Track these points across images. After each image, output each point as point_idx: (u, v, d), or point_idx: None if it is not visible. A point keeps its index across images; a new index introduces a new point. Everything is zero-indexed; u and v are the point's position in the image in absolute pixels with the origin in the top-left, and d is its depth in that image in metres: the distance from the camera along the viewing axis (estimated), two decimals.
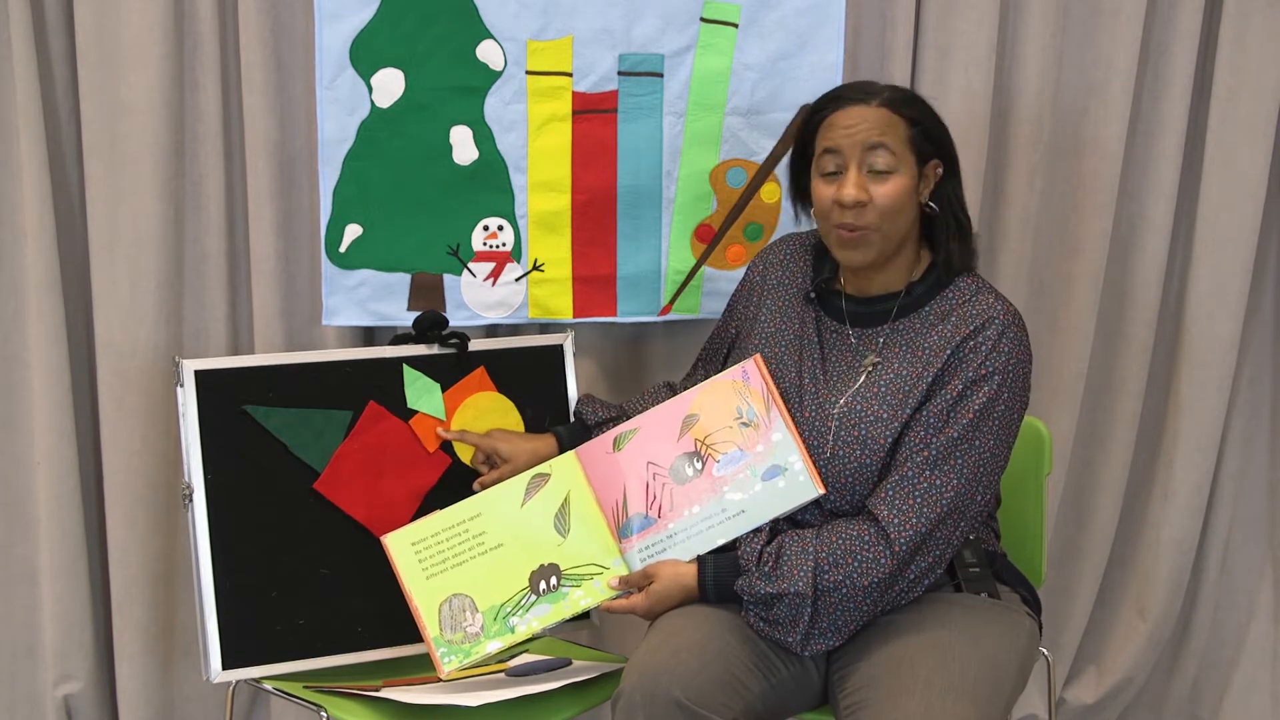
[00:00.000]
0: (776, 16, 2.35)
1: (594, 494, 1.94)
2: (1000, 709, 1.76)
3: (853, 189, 1.82)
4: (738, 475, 1.90)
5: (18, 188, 2.35)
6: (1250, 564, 2.81)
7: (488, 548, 1.94)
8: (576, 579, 1.92)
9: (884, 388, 1.84)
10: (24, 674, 2.52)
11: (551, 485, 1.97)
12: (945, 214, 1.89)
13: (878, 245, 1.85)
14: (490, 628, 1.90)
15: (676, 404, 1.95)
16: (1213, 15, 2.52)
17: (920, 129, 1.85)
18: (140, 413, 2.40)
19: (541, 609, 1.91)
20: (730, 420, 1.91)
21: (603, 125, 2.37)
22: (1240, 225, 2.57)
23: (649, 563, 1.91)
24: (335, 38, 2.29)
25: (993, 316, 1.84)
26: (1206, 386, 2.62)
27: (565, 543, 1.93)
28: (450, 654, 1.88)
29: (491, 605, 1.91)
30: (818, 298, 1.96)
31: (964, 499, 1.80)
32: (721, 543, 1.89)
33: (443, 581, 1.92)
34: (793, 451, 1.87)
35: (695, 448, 1.92)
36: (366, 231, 2.36)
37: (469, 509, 1.97)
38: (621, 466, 1.94)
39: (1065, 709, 2.79)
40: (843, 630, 1.81)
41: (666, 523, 1.91)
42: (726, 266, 2.43)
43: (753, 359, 1.93)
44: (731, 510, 1.90)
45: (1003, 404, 1.82)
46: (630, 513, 1.92)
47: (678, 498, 1.91)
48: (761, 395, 1.90)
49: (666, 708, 1.69)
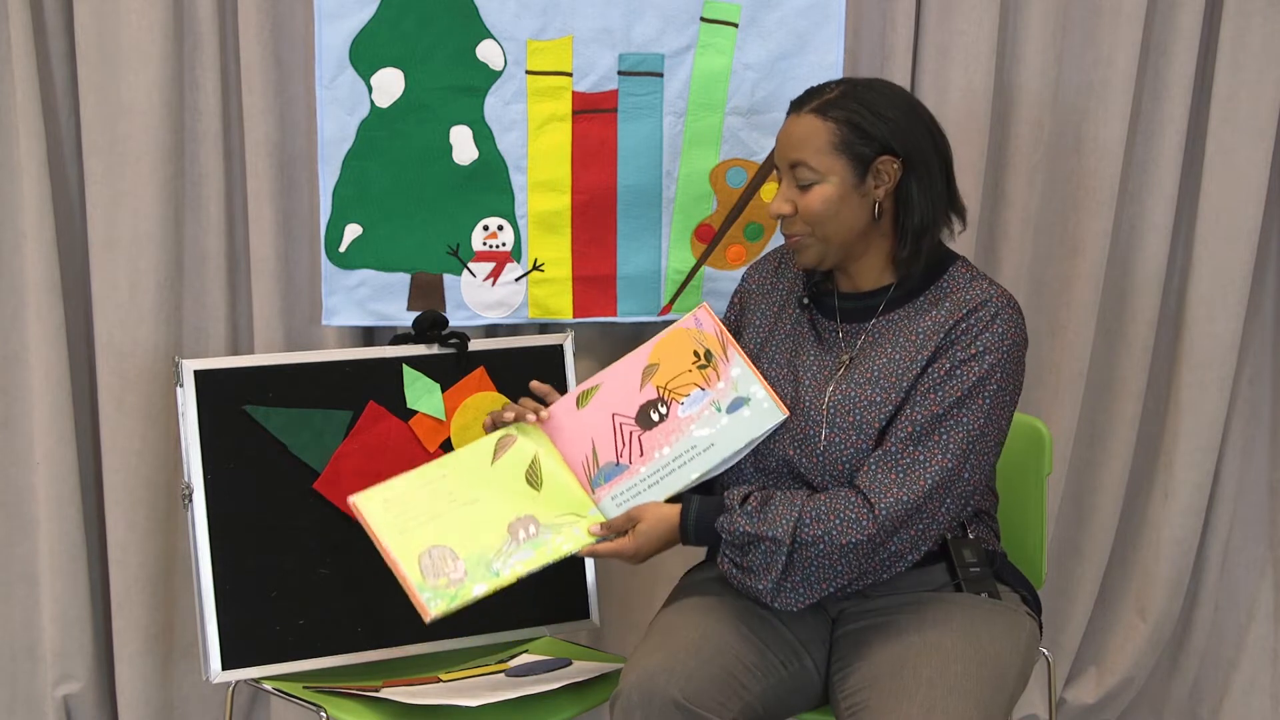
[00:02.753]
0: (777, 16, 2.35)
1: (560, 455, 1.94)
2: (1001, 709, 1.75)
3: (776, 202, 1.87)
4: (703, 413, 1.92)
5: (18, 188, 2.35)
6: (1250, 564, 2.81)
7: (461, 502, 1.89)
8: (556, 527, 1.89)
9: (876, 373, 1.84)
10: (24, 674, 2.52)
11: (519, 446, 1.94)
12: (903, 214, 1.85)
13: (817, 249, 1.87)
14: (475, 571, 1.84)
15: (634, 358, 1.97)
16: (1213, 15, 2.52)
17: (855, 129, 1.81)
18: (140, 413, 2.40)
19: (524, 554, 1.86)
20: (689, 365, 1.94)
21: (603, 125, 2.37)
22: (1240, 225, 2.57)
23: (624, 506, 1.91)
24: (335, 37, 2.29)
25: (987, 299, 1.83)
26: (1206, 386, 2.62)
27: (540, 496, 1.91)
28: (436, 598, 1.81)
29: (472, 553, 1.86)
30: (814, 300, 1.96)
31: (950, 475, 1.79)
32: (695, 477, 1.91)
33: (420, 535, 1.86)
34: (753, 383, 1.91)
35: (658, 394, 1.94)
36: (366, 231, 2.36)
37: (436, 470, 1.92)
38: (587, 422, 1.94)
39: (1066, 709, 2.78)
40: (815, 588, 1.79)
41: (638, 467, 1.92)
42: (726, 266, 2.43)
43: (702, 306, 1.97)
44: (701, 445, 1.91)
45: (994, 383, 1.80)
46: (601, 463, 1.93)
47: (646, 443, 1.92)
48: (716, 338, 1.94)
49: (664, 708, 1.69)
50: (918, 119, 1.85)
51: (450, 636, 2.15)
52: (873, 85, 1.87)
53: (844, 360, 1.88)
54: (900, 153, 1.82)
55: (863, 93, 1.84)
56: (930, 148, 1.85)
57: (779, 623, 1.88)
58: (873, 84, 1.88)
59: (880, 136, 1.82)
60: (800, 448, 1.87)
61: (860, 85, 1.86)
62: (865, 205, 1.84)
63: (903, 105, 1.85)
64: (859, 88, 1.85)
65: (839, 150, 1.82)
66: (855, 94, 1.84)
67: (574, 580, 2.25)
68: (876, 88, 1.86)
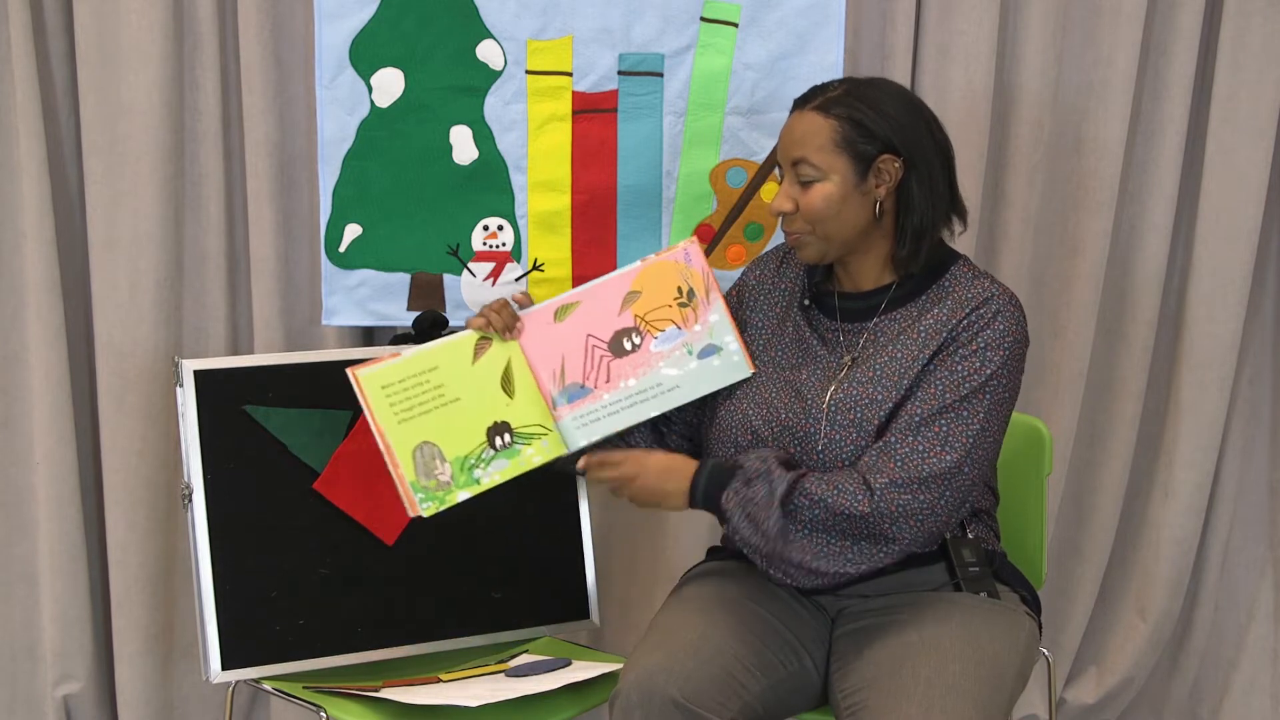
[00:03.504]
0: (777, 16, 2.35)
1: (529, 364, 1.95)
2: (1001, 710, 1.75)
3: (778, 199, 1.87)
4: (674, 352, 1.94)
5: (18, 188, 2.36)
6: (1250, 564, 2.81)
7: (447, 400, 1.91)
8: (527, 437, 1.93)
9: (878, 371, 1.84)
10: (24, 674, 2.52)
11: (494, 350, 1.95)
12: (904, 213, 1.85)
13: (818, 247, 1.87)
14: (459, 477, 1.90)
15: (618, 280, 1.97)
16: (1213, 15, 2.52)
17: (858, 127, 1.81)
18: (140, 413, 2.40)
19: (500, 463, 1.91)
20: (670, 299, 1.96)
21: (603, 125, 2.37)
22: (1240, 225, 2.57)
23: (584, 430, 1.92)
24: (335, 37, 2.29)
25: (990, 297, 1.83)
26: (1206, 386, 2.62)
27: (513, 403, 1.93)
28: (427, 500, 1.88)
29: (457, 456, 1.90)
30: (815, 300, 1.96)
31: (949, 470, 1.78)
32: (654, 415, 1.94)
33: (413, 428, 1.89)
34: (728, 332, 1.95)
35: (634, 323, 1.95)
36: (366, 231, 2.36)
37: (427, 360, 1.92)
38: (562, 337, 1.95)
39: (1065, 709, 2.78)
40: (807, 547, 1.79)
41: (602, 394, 1.93)
42: (726, 266, 2.43)
43: (693, 240, 1.98)
44: (667, 385, 1.94)
45: (995, 380, 1.80)
46: (567, 381, 1.94)
47: (614, 370, 1.94)
48: (702, 276, 1.96)
49: (664, 708, 1.69)
50: (920, 118, 1.85)
51: (450, 636, 2.15)
52: (876, 84, 1.87)
53: (846, 361, 1.88)
54: (902, 151, 1.82)
55: (865, 91, 1.84)
56: (932, 148, 1.85)
57: (778, 622, 1.88)
58: (876, 82, 1.88)
59: (882, 135, 1.82)
60: (801, 446, 1.86)
61: (863, 84, 1.86)
62: (867, 204, 1.84)
63: (905, 104, 1.85)
64: (862, 86, 1.85)
65: (841, 148, 1.82)
66: (858, 92, 1.84)
67: (574, 580, 2.25)
68: (879, 86, 1.87)
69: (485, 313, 1.93)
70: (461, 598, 2.18)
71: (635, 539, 2.61)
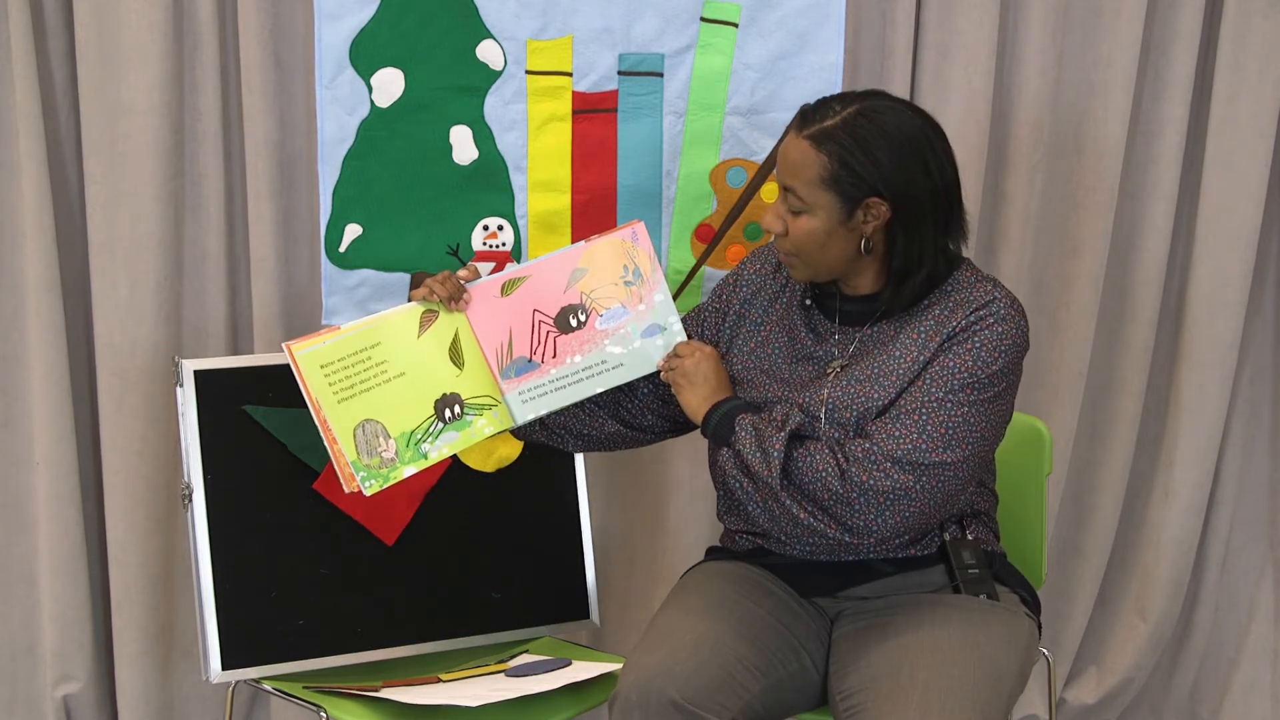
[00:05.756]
0: (777, 16, 2.35)
1: (475, 337, 1.95)
2: (1000, 711, 1.75)
3: (769, 218, 1.85)
4: (619, 330, 1.97)
5: (17, 188, 2.35)
6: (1250, 564, 2.81)
7: (390, 376, 1.89)
8: (478, 408, 1.93)
9: (875, 371, 1.84)
10: (24, 674, 2.52)
11: (441, 322, 1.94)
12: (889, 254, 1.83)
13: (806, 269, 1.87)
14: (404, 453, 1.88)
15: (565, 257, 1.98)
16: (1213, 15, 2.52)
17: (845, 167, 1.76)
18: (140, 413, 2.40)
19: (450, 435, 1.91)
20: (616, 278, 1.98)
21: (603, 125, 2.37)
22: (1240, 225, 2.57)
23: (530, 404, 1.94)
24: (335, 37, 2.29)
25: (992, 300, 1.83)
26: (1206, 386, 2.62)
27: (462, 374, 1.93)
28: (370, 478, 1.86)
29: (403, 431, 1.89)
30: (815, 300, 1.95)
31: (927, 458, 1.76)
32: (600, 391, 1.97)
33: (353, 407, 1.87)
34: (672, 313, 1.98)
35: (580, 300, 1.97)
36: (366, 231, 2.36)
37: (369, 337, 1.90)
38: (509, 311, 1.96)
39: (1065, 709, 2.79)
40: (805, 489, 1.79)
41: (548, 369, 1.95)
42: (726, 266, 2.43)
43: (639, 222, 1.99)
44: (611, 362, 1.97)
45: (989, 381, 1.79)
46: (515, 355, 1.95)
47: (561, 346, 1.96)
48: (648, 256, 1.98)
49: (663, 708, 1.69)
50: (917, 159, 1.78)
51: (450, 636, 2.16)
52: (878, 115, 1.78)
53: (842, 362, 1.88)
54: (888, 199, 1.78)
55: (863, 126, 1.76)
56: (925, 190, 1.79)
57: (778, 622, 1.88)
58: (879, 112, 1.78)
59: (870, 180, 1.77)
60: None
61: (865, 115, 1.77)
62: (853, 239, 1.82)
63: (902, 143, 1.77)
64: (862, 118, 1.77)
65: (828, 185, 1.78)
66: (855, 127, 1.77)
67: (574, 580, 2.25)
68: (881, 119, 1.77)
69: (430, 283, 1.92)
70: (461, 598, 2.18)
71: (635, 539, 2.61)
